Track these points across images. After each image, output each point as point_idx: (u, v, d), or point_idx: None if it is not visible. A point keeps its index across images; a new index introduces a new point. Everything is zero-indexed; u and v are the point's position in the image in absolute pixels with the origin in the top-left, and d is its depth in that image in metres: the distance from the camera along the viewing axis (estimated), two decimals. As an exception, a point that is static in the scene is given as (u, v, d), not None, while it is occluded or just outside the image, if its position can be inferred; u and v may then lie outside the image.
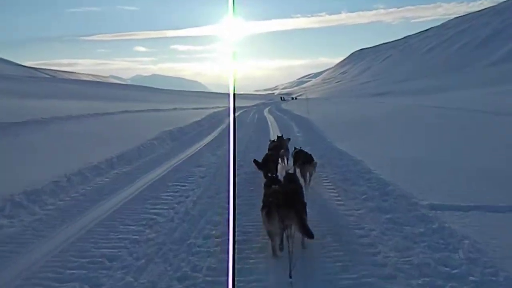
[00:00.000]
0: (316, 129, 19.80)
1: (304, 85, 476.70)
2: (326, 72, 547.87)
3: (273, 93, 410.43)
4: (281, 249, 5.55)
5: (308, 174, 8.97)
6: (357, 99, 73.38)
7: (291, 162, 10.68)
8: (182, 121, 22.29)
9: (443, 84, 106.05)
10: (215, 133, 20.55)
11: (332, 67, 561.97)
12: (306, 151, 10.23)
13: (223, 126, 23.92)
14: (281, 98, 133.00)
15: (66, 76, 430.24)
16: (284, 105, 62.81)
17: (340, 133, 17.85)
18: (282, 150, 11.49)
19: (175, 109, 35.52)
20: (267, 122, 27.68)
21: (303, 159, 9.26)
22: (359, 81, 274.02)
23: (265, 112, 42.24)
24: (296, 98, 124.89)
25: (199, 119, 24.67)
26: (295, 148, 10.68)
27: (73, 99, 50.20)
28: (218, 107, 43.65)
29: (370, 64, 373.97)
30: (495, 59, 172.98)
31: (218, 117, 29.40)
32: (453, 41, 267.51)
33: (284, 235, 5.44)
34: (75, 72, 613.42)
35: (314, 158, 9.61)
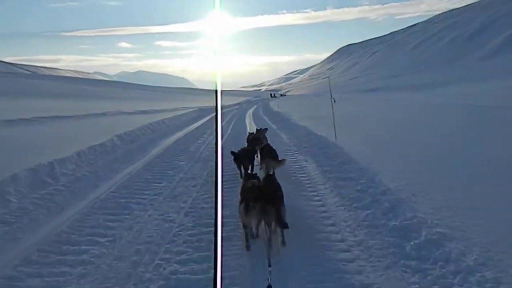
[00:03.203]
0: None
1: (291, 81, 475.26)
2: (313, 68, 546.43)
3: (260, 90, 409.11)
4: (254, 236, 5.68)
5: (272, 170, 8.77)
6: (353, 95, 70.12)
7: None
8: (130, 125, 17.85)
9: (436, 78, 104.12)
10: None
11: (319, 63, 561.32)
12: (271, 146, 10.17)
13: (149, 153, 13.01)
14: (270, 94, 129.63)
15: (47, 72, 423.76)
16: (274, 104, 52.88)
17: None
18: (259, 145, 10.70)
19: (144, 112, 30.60)
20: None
21: (269, 155, 9.26)
22: (347, 77, 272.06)
23: (248, 117, 31.80)
24: (284, 95, 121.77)
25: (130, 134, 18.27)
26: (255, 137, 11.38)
27: (50, 97, 47.23)
28: (187, 107, 38.98)
29: (358, 59, 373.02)
30: (486, 52, 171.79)
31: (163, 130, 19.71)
32: (442, 36, 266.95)
33: (261, 227, 5.61)
34: (57, 69, 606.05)
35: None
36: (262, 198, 5.48)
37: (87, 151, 10.90)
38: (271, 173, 7.84)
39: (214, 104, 1.98)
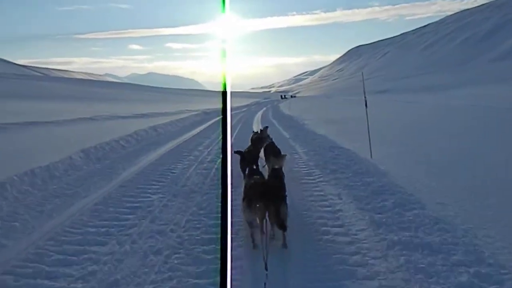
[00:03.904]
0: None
1: (301, 83, 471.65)
2: (322, 70, 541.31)
3: (269, 91, 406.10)
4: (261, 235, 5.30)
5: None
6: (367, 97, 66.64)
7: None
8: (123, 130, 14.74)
9: (448, 80, 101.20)
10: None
11: (329, 65, 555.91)
12: (275, 144, 9.90)
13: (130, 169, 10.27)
14: (281, 96, 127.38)
15: (59, 74, 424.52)
16: (284, 106, 50.43)
17: None
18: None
19: (142, 115, 27.54)
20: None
21: (273, 154, 8.67)
22: (357, 78, 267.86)
23: (256, 122, 27.05)
24: (294, 96, 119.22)
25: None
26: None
27: (54, 100, 44.94)
28: (191, 110, 35.81)
29: (368, 61, 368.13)
30: (498, 54, 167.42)
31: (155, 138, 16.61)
32: (453, 37, 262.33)
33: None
34: (68, 71, 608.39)
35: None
36: (265, 195, 5.36)
37: (18, 180, 7.50)
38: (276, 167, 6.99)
39: (221, 107, 1.74)
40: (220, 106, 1.78)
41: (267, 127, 12.43)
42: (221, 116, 1.77)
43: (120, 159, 11.08)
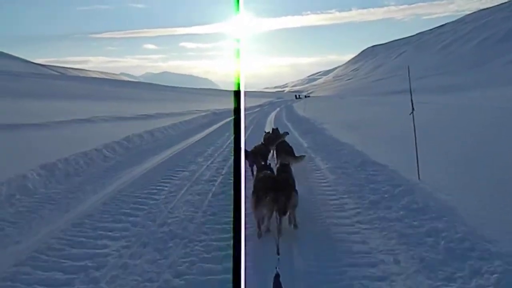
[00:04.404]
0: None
1: (314, 83, 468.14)
2: (337, 69, 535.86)
3: (283, 91, 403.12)
4: (267, 230, 5.50)
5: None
6: (383, 98, 64.05)
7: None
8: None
9: (466, 81, 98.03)
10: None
11: (343, 64, 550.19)
12: (288, 142, 10.00)
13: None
14: (295, 96, 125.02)
15: (75, 73, 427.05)
16: (298, 106, 47.32)
17: None
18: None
19: (146, 116, 25.42)
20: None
21: (285, 151, 8.98)
22: (372, 78, 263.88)
23: (269, 124, 24.13)
24: (308, 96, 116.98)
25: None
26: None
27: (77, 99, 43.45)
28: (200, 110, 33.75)
29: (383, 61, 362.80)
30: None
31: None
32: (471, 37, 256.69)
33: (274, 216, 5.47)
34: (85, 70, 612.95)
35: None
36: (274, 189, 5.40)
37: None
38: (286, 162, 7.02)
39: (232, 107, 1.77)
40: (231, 106, 1.73)
41: (287, 132, 12.35)
42: (233, 117, 1.73)
43: (94, 177, 8.70)
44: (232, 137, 13.81)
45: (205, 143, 14.63)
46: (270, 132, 12.23)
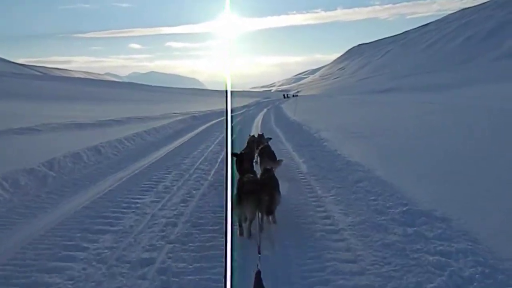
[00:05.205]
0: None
1: (301, 82, 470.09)
2: (323, 69, 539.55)
3: (270, 90, 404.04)
4: (248, 234, 5.78)
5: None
6: (369, 97, 65.27)
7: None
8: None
9: (451, 79, 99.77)
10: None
11: (330, 63, 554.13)
12: (270, 147, 10.33)
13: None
14: (283, 95, 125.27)
15: (58, 73, 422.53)
16: (287, 107, 43.07)
17: None
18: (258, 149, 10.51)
19: (116, 121, 21.87)
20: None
21: (267, 156, 9.52)
22: (358, 77, 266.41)
23: (255, 129, 21.84)
24: (296, 95, 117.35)
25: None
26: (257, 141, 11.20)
27: (49, 100, 42.10)
28: (178, 113, 30.47)
29: (369, 59, 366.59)
30: (502, 52, 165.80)
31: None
32: (455, 36, 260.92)
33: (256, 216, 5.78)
34: (68, 70, 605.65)
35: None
36: (256, 190, 5.72)
37: None
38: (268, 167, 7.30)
39: (215, 109, 2.87)
40: (215, 107, 3.64)
41: (270, 138, 11.97)
42: (211, 122, 3.84)
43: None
44: (210, 156, 13.34)
45: (164, 167, 10.90)
46: (256, 136, 11.90)
